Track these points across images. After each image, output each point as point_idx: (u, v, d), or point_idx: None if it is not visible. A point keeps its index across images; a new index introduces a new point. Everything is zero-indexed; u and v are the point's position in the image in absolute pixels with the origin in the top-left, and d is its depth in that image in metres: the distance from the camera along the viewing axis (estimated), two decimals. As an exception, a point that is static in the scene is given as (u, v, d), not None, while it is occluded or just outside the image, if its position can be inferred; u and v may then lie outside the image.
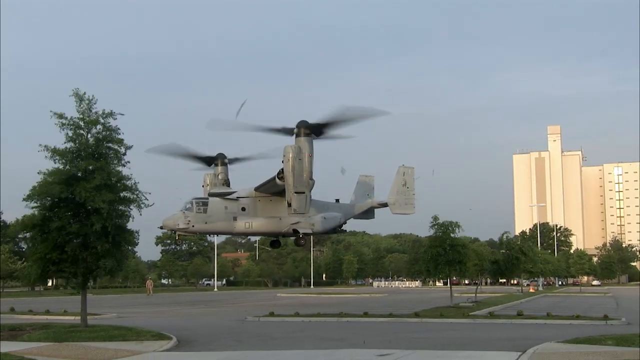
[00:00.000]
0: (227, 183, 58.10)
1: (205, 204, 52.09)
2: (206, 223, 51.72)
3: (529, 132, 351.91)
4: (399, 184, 60.28)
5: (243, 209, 52.82)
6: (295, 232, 53.27)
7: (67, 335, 22.58)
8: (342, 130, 48.13)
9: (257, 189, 53.09)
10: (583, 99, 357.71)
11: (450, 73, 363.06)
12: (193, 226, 51.39)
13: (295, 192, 47.34)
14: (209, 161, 58.74)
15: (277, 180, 49.09)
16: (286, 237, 57.89)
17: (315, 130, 47.54)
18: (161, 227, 55.10)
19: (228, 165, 58.98)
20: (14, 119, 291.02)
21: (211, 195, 55.26)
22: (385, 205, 61.70)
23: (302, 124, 47.29)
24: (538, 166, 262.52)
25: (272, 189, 51.31)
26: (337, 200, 58.73)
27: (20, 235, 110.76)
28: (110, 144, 25.51)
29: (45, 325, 26.91)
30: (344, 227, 61.48)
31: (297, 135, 47.42)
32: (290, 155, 46.75)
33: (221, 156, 58.33)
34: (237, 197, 53.18)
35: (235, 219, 52.51)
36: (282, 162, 47.54)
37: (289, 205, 48.69)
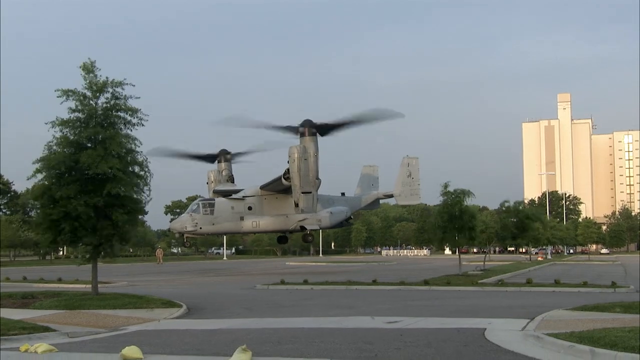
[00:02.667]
0: (231, 179, 58.44)
1: (212, 205, 52.36)
2: (213, 224, 52.02)
3: (539, 100, 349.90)
4: (404, 175, 60.29)
5: (249, 208, 52.94)
6: (303, 228, 53.44)
7: (78, 303, 22.78)
8: (349, 129, 48.26)
9: (262, 187, 53.27)
10: (593, 66, 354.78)
11: (458, 40, 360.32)
12: (201, 228, 51.76)
13: (302, 192, 47.27)
14: (211, 158, 59.00)
15: (283, 180, 49.18)
16: (293, 233, 57.66)
17: (320, 129, 47.34)
18: (169, 230, 55.39)
19: (231, 161, 59.20)
20: (25, 88, 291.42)
21: (216, 192, 55.60)
22: (390, 196, 62.02)
23: (307, 124, 47.05)
24: (547, 134, 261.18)
25: (278, 188, 51.38)
26: (343, 194, 58.99)
27: (30, 205, 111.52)
28: (119, 113, 25.29)
29: (56, 293, 27.15)
30: (350, 220, 62.11)
31: (302, 135, 47.17)
32: (296, 156, 46.60)
33: (224, 152, 58.47)
34: (243, 197, 53.38)
35: (242, 218, 52.73)
36: (288, 162, 47.41)
37: (296, 205, 48.83)
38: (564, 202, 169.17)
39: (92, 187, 24.37)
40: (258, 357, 12.99)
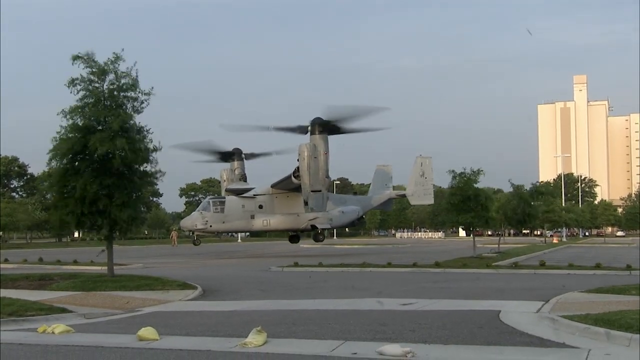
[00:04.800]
0: (243, 178, 58.56)
1: (222, 204, 52.35)
2: (224, 222, 51.98)
3: (555, 82, 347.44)
4: (417, 175, 60.13)
5: (260, 206, 52.82)
6: (314, 227, 53.27)
7: (94, 285, 22.97)
8: (357, 124, 47.92)
9: (273, 186, 53.21)
10: (610, 47, 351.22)
11: (474, 22, 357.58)
12: (211, 226, 51.76)
13: (312, 191, 47.03)
14: (225, 156, 59.08)
15: (293, 178, 48.97)
16: (305, 232, 57.26)
17: (329, 127, 47.10)
18: (179, 228, 55.51)
19: (244, 160, 59.25)
20: (40, 72, 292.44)
21: (228, 191, 55.68)
22: (403, 195, 61.88)
23: (317, 122, 46.83)
24: (563, 116, 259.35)
25: (289, 186, 51.24)
26: (355, 193, 58.95)
27: (45, 188, 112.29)
28: (126, 93, 25.18)
29: (73, 275, 27.38)
30: (362, 220, 61.97)
31: (312, 133, 46.91)
32: (306, 154, 46.25)
33: (237, 151, 58.59)
34: (254, 195, 53.28)
35: (252, 217, 52.58)
36: (298, 160, 47.19)
37: (306, 204, 48.63)
38: (579, 184, 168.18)
39: (102, 169, 24.41)
40: (273, 339, 13.04)
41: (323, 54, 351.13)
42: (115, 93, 24.94)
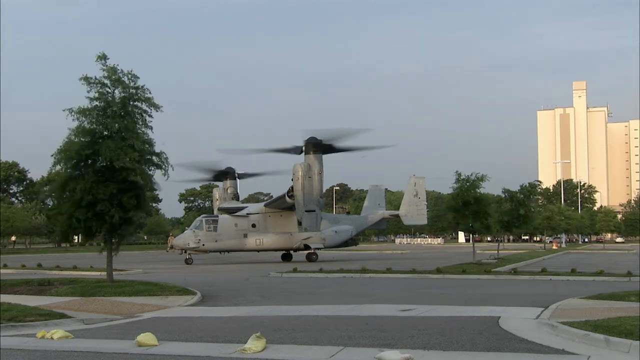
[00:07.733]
0: (236, 197, 58.74)
1: (215, 222, 52.22)
2: (216, 241, 51.75)
3: (554, 88, 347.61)
4: (410, 195, 60.38)
5: (253, 225, 52.68)
6: (307, 247, 53.21)
7: (94, 290, 22.91)
8: (351, 143, 48.09)
9: (266, 205, 53.27)
10: (609, 53, 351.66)
11: (472, 26, 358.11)
12: (203, 245, 51.57)
13: (306, 211, 47.00)
14: (217, 176, 59.18)
15: (287, 198, 49.01)
16: (298, 251, 57.07)
17: (324, 147, 47.22)
18: (172, 247, 55.41)
19: (237, 179, 59.42)
20: (40, 76, 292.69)
21: (221, 210, 55.58)
22: (396, 215, 62.07)
23: (311, 142, 46.92)
24: (562, 123, 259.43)
25: (282, 206, 51.29)
26: (348, 213, 58.96)
27: (46, 192, 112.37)
28: (137, 103, 25.18)
29: (72, 280, 27.30)
30: (355, 239, 62.17)
31: (307, 153, 46.95)
32: (300, 174, 46.32)
33: (230, 170, 58.71)
34: (247, 214, 53.22)
35: (245, 235, 52.39)
36: (292, 180, 47.25)
37: (300, 224, 48.50)
38: (578, 190, 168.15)
39: (108, 175, 24.37)
40: (272, 345, 13.04)
41: (322, 57, 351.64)
42: (127, 102, 24.85)
